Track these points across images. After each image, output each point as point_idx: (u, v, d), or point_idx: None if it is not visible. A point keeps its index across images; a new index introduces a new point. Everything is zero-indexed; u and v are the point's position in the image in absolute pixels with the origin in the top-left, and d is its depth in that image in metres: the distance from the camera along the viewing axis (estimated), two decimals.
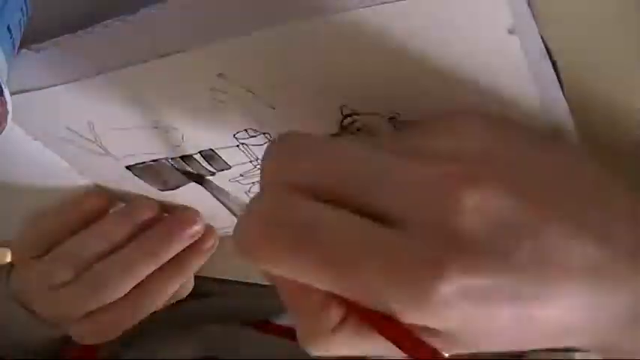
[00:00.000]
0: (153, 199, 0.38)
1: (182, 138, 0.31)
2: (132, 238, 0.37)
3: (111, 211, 0.39)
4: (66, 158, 0.35)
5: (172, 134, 0.31)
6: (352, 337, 0.21)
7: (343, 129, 0.28)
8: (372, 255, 0.18)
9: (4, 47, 0.22)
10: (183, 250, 0.38)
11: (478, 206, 0.18)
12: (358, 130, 0.28)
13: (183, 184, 0.36)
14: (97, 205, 0.38)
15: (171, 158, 0.33)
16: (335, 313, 0.20)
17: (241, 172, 0.34)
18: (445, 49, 0.22)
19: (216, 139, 0.31)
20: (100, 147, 0.33)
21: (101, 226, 0.37)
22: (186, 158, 0.33)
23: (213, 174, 0.34)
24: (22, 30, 0.23)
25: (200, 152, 0.32)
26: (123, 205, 0.39)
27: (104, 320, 0.37)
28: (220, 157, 0.32)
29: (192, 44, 0.24)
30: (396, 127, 0.27)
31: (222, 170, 0.34)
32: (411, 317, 0.18)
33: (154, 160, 0.34)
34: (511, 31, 0.21)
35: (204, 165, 0.33)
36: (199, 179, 0.32)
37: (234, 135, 0.30)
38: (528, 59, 0.22)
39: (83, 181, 0.37)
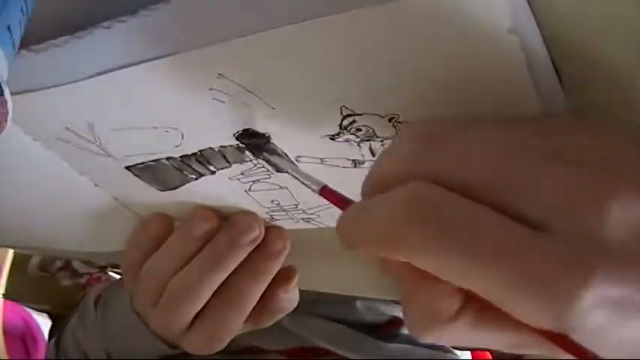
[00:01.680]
0: (211, 209, 0.39)
1: (182, 137, 0.31)
2: (198, 251, 0.38)
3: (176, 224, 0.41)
4: (66, 158, 0.35)
5: (172, 134, 0.31)
6: (468, 328, 0.21)
7: (343, 129, 0.28)
8: (515, 253, 0.18)
9: (4, 47, 0.22)
10: (256, 255, 0.39)
11: (626, 215, 0.18)
12: (358, 130, 0.28)
13: (184, 184, 0.36)
14: (160, 227, 0.40)
15: (171, 158, 0.33)
16: (455, 301, 0.20)
17: (242, 170, 0.34)
18: (445, 48, 0.22)
19: (216, 138, 0.31)
20: (100, 147, 0.33)
21: (167, 246, 0.39)
22: (186, 158, 0.33)
23: (213, 173, 0.34)
24: (23, 30, 0.23)
25: (200, 151, 0.32)
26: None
27: (202, 331, 0.40)
28: (220, 156, 0.32)
29: (192, 44, 0.24)
30: (395, 127, 0.27)
31: (223, 169, 0.34)
32: (539, 322, 0.18)
33: (153, 160, 0.34)
34: (511, 31, 0.21)
35: (204, 164, 0.34)
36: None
37: (234, 135, 0.30)
38: (528, 59, 0.22)
39: (83, 181, 0.37)
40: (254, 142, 0.31)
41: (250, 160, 0.32)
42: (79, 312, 0.50)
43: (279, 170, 0.33)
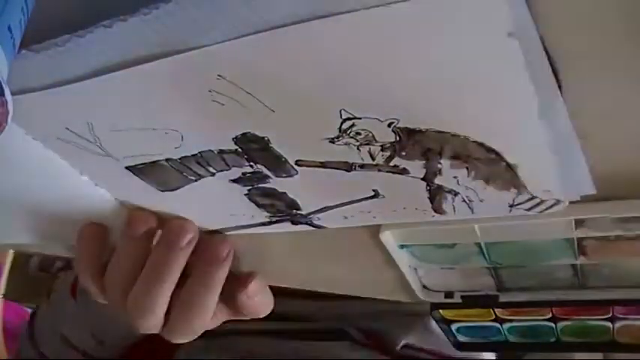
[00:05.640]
0: (147, 211, 0.40)
1: (181, 139, 0.31)
2: (147, 252, 0.40)
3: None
4: (66, 158, 0.35)
5: (172, 136, 0.31)
6: None
7: (342, 132, 0.28)
8: None
9: (4, 47, 0.22)
10: (202, 262, 0.41)
11: None
12: (357, 134, 0.28)
13: (183, 185, 0.36)
14: (95, 234, 0.42)
15: (171, 159, 0.33)
16: None
17: (241, 174, 0.34)
18: (444, 52, 0.22)
19: (215, 142, 0.31)
20: (100, 148, 0.33)
21: (118, 255, 0.41)
22: (185, 159, 0.33)
23: (213, 175, 0.34)
24: (23, 30, 0.23)
25: (200, 153, 0.32)
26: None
27: (172, 332, 0.42)
28: (220, 159, 0.32)
29: (192, 44, 0.24)
30: (395, 132, 0.27)
31: (222, 171, 0.34)
32: None
33: (153, 162, 0.34)
34: (511, 35, 0.21)
35: (204, 166, 0.33)
36: None
37: (233, 139, 0.30)
38: (528, 62, 0.22)
39: (83, 181, 0.37)
40: (253, 146, 0.31)
41: (250, 165, 0.32)
42: (52, 301, 0.52)
43: (278, 175, 0.33)
